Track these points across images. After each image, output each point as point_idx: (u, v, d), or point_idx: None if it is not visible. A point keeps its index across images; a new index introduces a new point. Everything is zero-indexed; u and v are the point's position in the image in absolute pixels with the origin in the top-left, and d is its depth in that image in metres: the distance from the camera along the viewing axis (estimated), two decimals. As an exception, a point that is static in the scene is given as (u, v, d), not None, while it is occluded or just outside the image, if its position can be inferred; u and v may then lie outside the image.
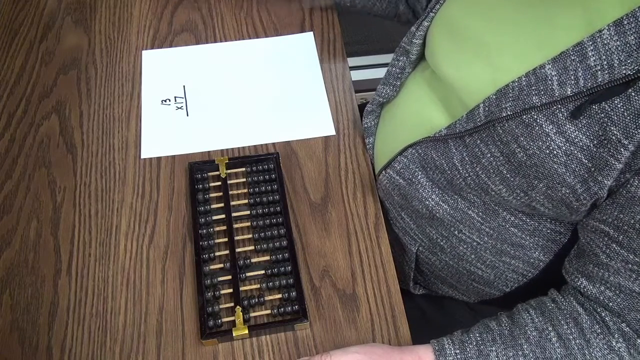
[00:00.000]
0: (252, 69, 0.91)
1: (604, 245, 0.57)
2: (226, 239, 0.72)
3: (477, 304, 0.83)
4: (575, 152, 0.53)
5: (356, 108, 0.87)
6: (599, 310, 0.59)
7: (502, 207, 0.65)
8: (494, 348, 0.60)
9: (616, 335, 0.58)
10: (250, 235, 0.74)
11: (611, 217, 0.55)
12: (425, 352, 0.61)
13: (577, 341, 0.58)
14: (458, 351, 0.60)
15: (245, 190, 0.77)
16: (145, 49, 0.93)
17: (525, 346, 0.59)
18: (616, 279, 0.57)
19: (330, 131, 0.84)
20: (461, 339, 0.61)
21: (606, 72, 0.49)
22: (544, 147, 0.54)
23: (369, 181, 0.79)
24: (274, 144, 0.83)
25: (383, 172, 0.73)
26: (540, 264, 0.69)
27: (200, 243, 0.71)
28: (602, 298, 0.58)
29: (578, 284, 0.60)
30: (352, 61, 1.54)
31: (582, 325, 0.59)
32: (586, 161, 0.53)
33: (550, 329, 0.60)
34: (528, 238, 0.67)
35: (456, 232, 0.70)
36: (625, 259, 0.55)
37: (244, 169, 0.79)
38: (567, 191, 0.56)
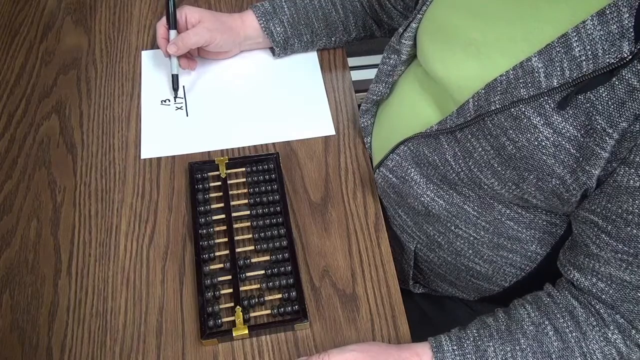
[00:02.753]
0: (251, 69, 0.91)
1: (593, 235, 0.57)
2: (226, 239, 0.72)
3: (477, 303, 0.83)
4: (563, 142, 0.53)
5: (356, 108, 0.87)
6: (593, 302, 0.59)
7: (497, 201, 0.65)
8: (491, 343, 0.60)
9: (611, 327, 0.58)
10: (250, 235, 0.74)
11: (600, 207, 0.55)
12: (423, 350, 0.62)
13: (574, 334, 0.59)
14: (455, 347, 0.60)
15: (245, 190, 0.77)
16: (145, 49, 0.93)
17: (522, 340, 0.59)
18: (607, 270, 0.57)
19: (330, 131, 0.84)
20: (458, 336, 0.62)
21: (591, 61, 0.50)
22: (532, 139, 0.55)
23: (369, 181, 0.79)
24: (274, 144, 0.83)
25: (377, 170, 0.74)
26: (538, 257, 0.69)
27: (200, 243, 0.71)
28: (594, 290, 0.59)
29: (571, 276, 0.61)
30: (352, 61, 1.54)
31: (577, 318, 0.59)
32: (574, 151, 0.53)
33: (546, 323, 0.60)
34: (524, 231, 0.67)
35: (453, 228, 0.70)
36: (614, 249, 0.55)
37: (244, 169, 0.79)
38: (557, 182, 0.56)
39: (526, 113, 0.54)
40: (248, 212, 0.75)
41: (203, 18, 0.84)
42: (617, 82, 0.49)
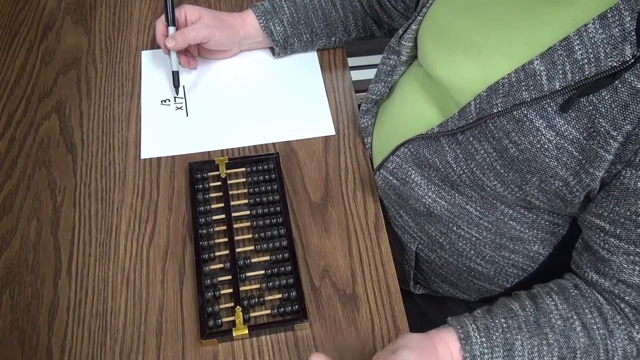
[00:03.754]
0: (251, 69, 0.91)
1: (601, 240, 0.57)
2: (226, 239, 0.72)
3: (477, 304, 0.83)
4: (566, 145, 0.53)
5: (356, 108, 0.87)
6: (617, 301, 0.59)
7: (499, 201, 0.65)
8: (519, 337, 0.58)
9: (637, 327, 0.58)
10: (250, 235, 0.74)
11: (607, 210, 0.55)
12: (450, 338, 0.59)
13: (601, 331, 0.58)
14: (484, 339, 0.58)
15: (245, 190, 0.77)
16: (145, 49, 0.93)
17: (550, 335, 0.59)
18: (621, 277, 0.57)
19: (330, 131, 0.84)
20: (486, 325, 0.59)
21: (593, 65, 0.50)
22: (535, 142, 0.55)
23: (369, 181, 0.79)
24: (274, 144, 0.83)
25: (377, 172, 0.74)
26: (540, 257, 0.69)
27: (200, 243, 0.71)
28: (617, 291, 0.59)
29: (589, 278, 0.60)
30: (352, 61, 1.54)
31: (605, 315, 0.59)
32: (577, 154, 0.53)
33: (575, 317, 0.59)
34: (527, 231, 0.67)
35: (455, 228, 0.70)
36: (626, 252, 0.55)
37: (244, 169, 0.79)
38: (560, 184, 0.56)
39: (529, 116, 0.54)
40: (248, 212, 0.75)
41: (203, 15, 0.84)
42: (620, 85, 0.49)
